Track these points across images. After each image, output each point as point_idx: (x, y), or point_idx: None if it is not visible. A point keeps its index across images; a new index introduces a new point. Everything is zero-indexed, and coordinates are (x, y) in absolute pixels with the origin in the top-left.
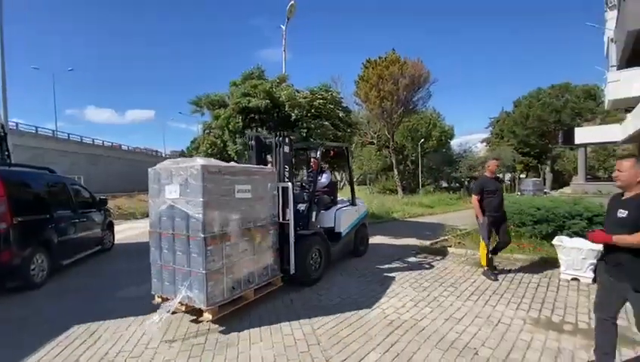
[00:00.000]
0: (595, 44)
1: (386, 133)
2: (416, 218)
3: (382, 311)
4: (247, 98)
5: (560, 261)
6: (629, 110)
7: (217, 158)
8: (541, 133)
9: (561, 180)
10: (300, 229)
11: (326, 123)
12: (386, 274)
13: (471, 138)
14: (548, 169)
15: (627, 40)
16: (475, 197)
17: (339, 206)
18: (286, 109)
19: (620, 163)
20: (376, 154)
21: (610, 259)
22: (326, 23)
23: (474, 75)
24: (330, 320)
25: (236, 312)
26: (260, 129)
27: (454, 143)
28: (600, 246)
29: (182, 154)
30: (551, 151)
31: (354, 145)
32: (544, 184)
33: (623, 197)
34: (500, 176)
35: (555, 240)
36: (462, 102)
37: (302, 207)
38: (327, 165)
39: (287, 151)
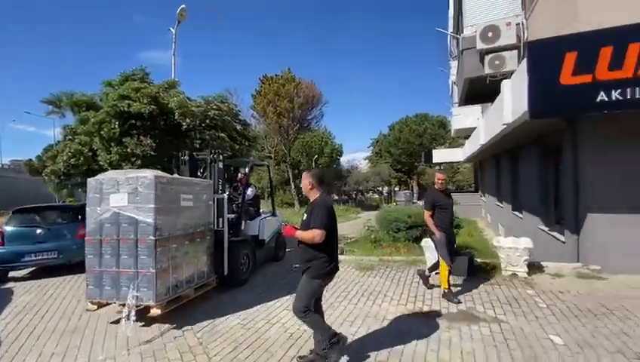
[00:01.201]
0: (446, 84)
1: (283, 148)
2: None
3: (282, 325)
4: (127, 102)
5: (426, 259)
6: (466, 138)
7: (85, 170)
8: (409, 153)
9: (425, 192)
10: (231, 236)
11: (222, 135)
12: (281, 286)
13: (356, 155)
14: (415, 183)
15: (464, 84)
16: (427, 213)
17: (262, 216)
18: (176, 117)
19: (303, 175)
20: (274, 169)
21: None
22: (224, 33)
23: (359, 100)
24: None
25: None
26: (142, 137)
27: (343, 160)
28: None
29: (29, 165)
30: (417, 168)
31: (252, 157)
32: (413, 195)
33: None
34: (380, 188)
35: (423, 242)
36: (349, 123)
37: (232, 216)
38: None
39: (221, 167)
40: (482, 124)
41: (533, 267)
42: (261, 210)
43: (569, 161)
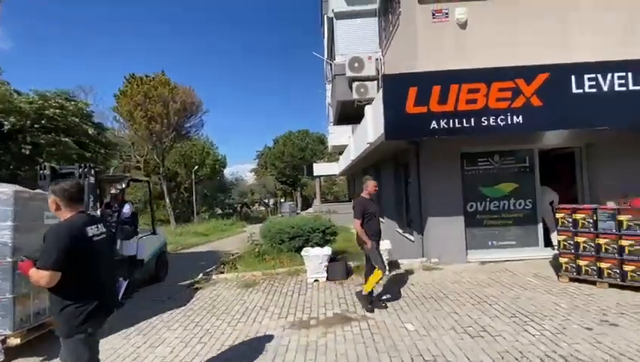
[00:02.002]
0: (324, 104)
1: (156, 157)
2: (192, 248)
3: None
4: None
5: (307, 268)
6: (341, 153)
7: None
8: (293, 166)
9: (307, 203)
10: None
11: (66, 139)
12: (153, 319)
13: (242, 167)
14: (299, 194)
15: (337, 106)
16: (358, 222)
17: (140, 235)
18: None
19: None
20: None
21: None
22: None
23: (245, 111)
24: None
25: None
26: None
27: (227, 172)
28: (328, 252)
29: None
30: (300, 181)
31: (113, 168)
32: (297, 206)
33: None
34: (266, 201)
35: (303, 252)
36: (234, 134)
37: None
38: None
39: (93, 181)
40: (352, 142)
41: (392, 265)
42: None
43: (414, 175)
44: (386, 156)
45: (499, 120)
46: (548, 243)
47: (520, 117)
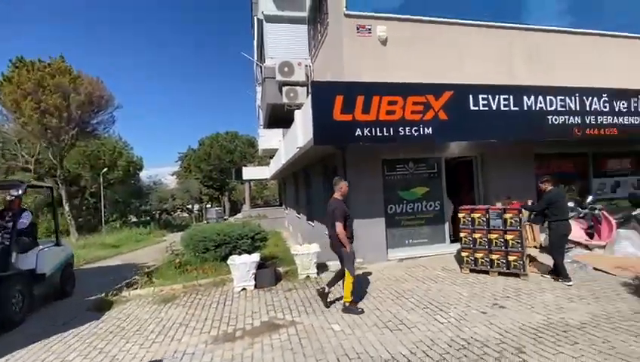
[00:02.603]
0: (254, 106)
1: (51, 157)
2: (98, 262)
3: None
4: None
5: (233, 277)
6: (272, 157)
7: None
8: (221, 169)
9: (236, 208)
10: None
11: None
12: (40, 352)
13: (162, 170)
14: (227, 199)
15: (267, 109)
16: (340, 225)
17: (41, 247)
18: None
19: None
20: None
21: None
22: None
23: (166, 110)
24: None
25: None
26: None
27: (144, 175)
28: (257, 259)
29: None
30: (228, 185)
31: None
32: (225, 212)
33: None
34: (190, 206)
35: (229, 260)
36: (154, 135)
37: None
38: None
39: None
40: (283, 146)
41: (321, 267)
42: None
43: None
44: (315, 160)
45: (413, 130)
46: (454, 239)
47: (430, 128)
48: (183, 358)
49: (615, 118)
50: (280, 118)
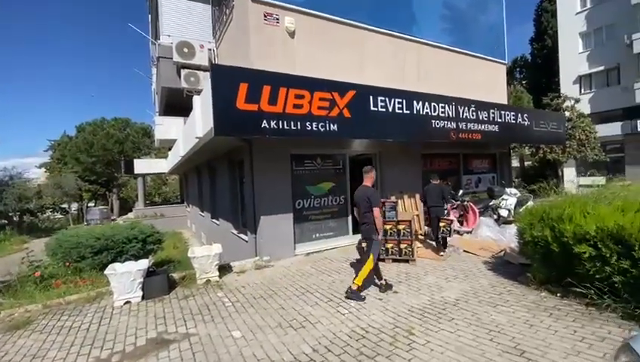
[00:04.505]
0: (149, 90)
1: None
2: None
3: None
4: None
5: (113, 289)
6: (170, 148)
7: None
8: (107, 161)
9: (127, 207)
10: None
11: None
12: None
13: (26, 161)
14: (115, 196)
15: (162, 93)
16: (378, 210)
17: None
18: None
19: None
20: None
21: None
22: None
23: (29, 89)
24: None
25: None
26: None
27: None
28: (144, 265)
29: None
30: (117, 180)
31: None
32: (112, 211)
33: None
34: (65, 206)
35: (108, 270)
36: (10, 116)
37: None
38: None
39: None
40: (181, 136)
41: (224, 269)
42: None
43: (248, 174)
44: (220, 154)
45: (319, 126)
46: (354, 231)
47: (335, 125)
48: None
49: (479, 125)
50: (179, 104)
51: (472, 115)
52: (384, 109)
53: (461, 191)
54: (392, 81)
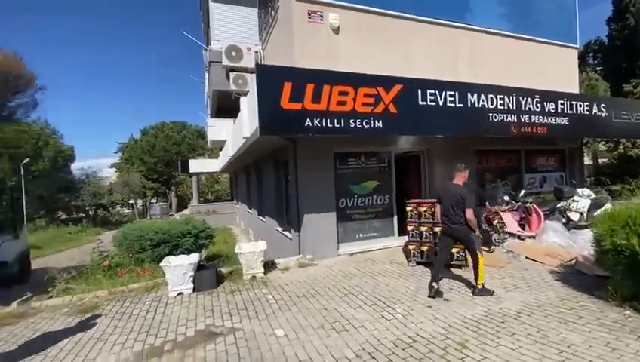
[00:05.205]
0: (203, 94)
1: None
2: None
3: None
4: None
5: (167, 280)
6: (221, 149)
7: None
8: (166, 162)
9: (183, 203)
10: None
11: None
12: None
13: (100, 162)
14: (173, 194)
15: (213, 96)
16: (471, 211)
17: (2, 239)
18: None
19: None
20: None
21: None
22: None
23: (102, 96)
24: None
25: None
26: None
27: (76, 167)
28: (195, 259)
29: None
30: (175, 178)
31: None
32: (170, 207)
33: None
34: (132, 202)
35: (163, 262)
36: (89, 122)
37: None
38: None
39: None
40: (230, 137)
41: (269, 265)
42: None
43: (292, 173)
44: (266, 153)
45: (364, 123)
46: (401, 232)
47: (380, 121)
48: None
49: (545, 117)
50: (229, 107)
51: (537, 107)
52: (434, 103)
53: (522, 192)
54: (443, 73)
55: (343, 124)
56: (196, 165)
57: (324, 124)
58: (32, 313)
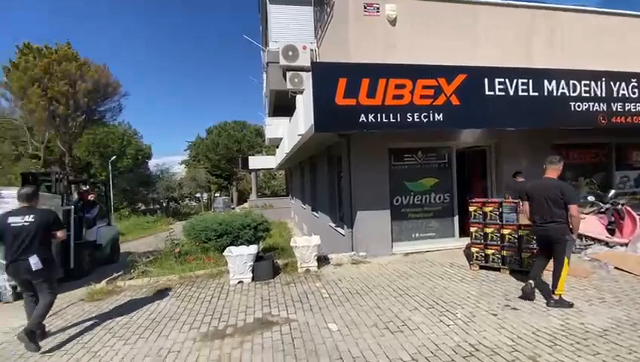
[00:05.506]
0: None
1: (60, 145)
2: None
3: None
4: None
5: (229, 269)
6: (278, 147)
7: None
8: (229, 158)
9: (243, 198)
10: (76, 240)
11: None
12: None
13: (172, 159)
14: (234, 188)
15: (271, 95)
16: (576, 208)
17: (99, 225)
18: None
19: None
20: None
21: None
22: None
23: (174, 99)
24: None
25: None
26: None
27: (152, 163)
28: (254, 250)
29: None
30: (236, 174)
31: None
32: (232, 201)
33: None
34: (199, 195)
35: (226, 252)
36: (162, 122)
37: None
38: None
39: (66, 184)
40: (286, 134)
41: (322, 260)
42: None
43: (346, 169)
44: (320, 150)
45: (422, 117)
46: (462, 233)
47: (440, 115)
48: (167, 357)
49: None
50: (284, 105)
51: (633, 93)
52: (503, 93)
53: (612, 192)
54: (514, 59)
55: (399, 119)
56: (255, 162)
57: (379, 119)
58: (117, 291)
